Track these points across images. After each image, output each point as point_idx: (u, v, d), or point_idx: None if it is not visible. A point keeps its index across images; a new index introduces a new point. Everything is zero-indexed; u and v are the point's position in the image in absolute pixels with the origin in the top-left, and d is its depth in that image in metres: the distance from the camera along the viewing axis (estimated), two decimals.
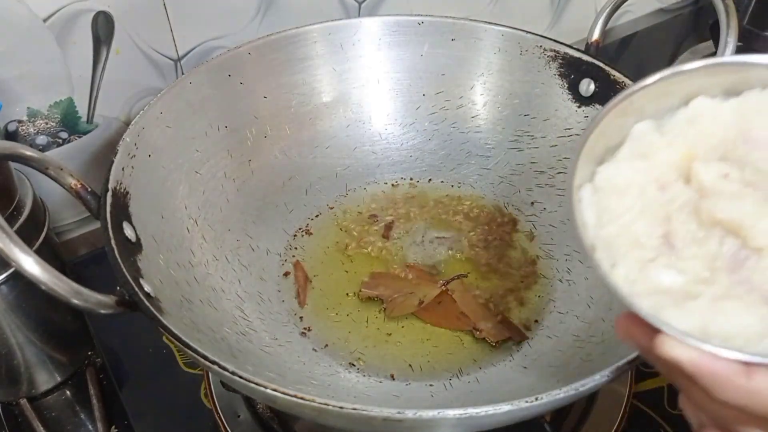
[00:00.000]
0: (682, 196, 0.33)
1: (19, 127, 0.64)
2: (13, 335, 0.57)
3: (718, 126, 0.34)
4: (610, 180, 0.34)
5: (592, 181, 0.34)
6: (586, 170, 0.34)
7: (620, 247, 0.32)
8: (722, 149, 0.33)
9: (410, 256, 0.62)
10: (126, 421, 0.59)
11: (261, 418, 0.55)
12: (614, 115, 0.34)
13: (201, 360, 0.39)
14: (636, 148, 0.34)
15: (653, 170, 0.33)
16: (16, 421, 0.60)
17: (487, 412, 0.36)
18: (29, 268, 0.39)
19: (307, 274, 0.60)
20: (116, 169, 0.50)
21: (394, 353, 0.54)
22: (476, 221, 0.64)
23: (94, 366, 0.64)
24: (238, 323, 0.53)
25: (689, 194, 0.33)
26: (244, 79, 0.63)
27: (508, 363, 0.54)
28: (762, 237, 0.30)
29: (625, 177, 0.34)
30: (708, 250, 0.31)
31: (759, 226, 0.30)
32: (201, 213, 0.58)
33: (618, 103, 0.34)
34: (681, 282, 0.31)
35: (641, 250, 0.32)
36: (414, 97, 0.69)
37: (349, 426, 0.40)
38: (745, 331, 0.28)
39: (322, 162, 0.67)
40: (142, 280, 0.45)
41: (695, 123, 0.34)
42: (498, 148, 0.68)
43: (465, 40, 0.67)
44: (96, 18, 0.62)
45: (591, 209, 0.33)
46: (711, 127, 0.34)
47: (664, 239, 0.32)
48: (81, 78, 0.64)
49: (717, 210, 0.31)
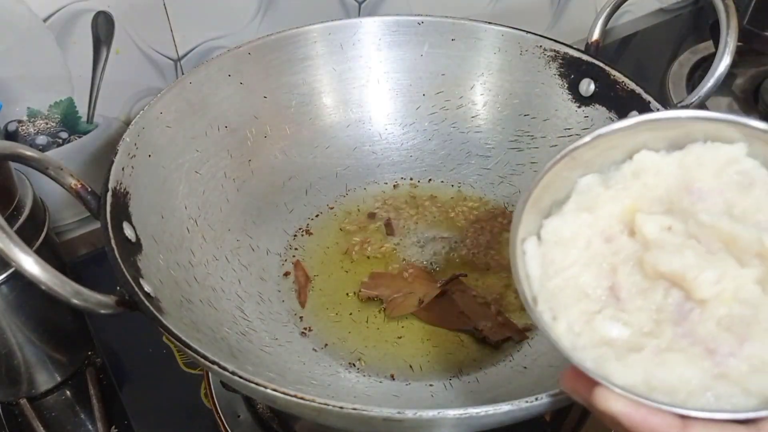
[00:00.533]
0: (627, 248, 0.33)
1: (19, 127, 0.64)
2: (13, 335, 0.57)
3: (662, 179, 0.34)
4: (556, 232, 0.34)
5: (538, 234, 0.34)
6: (533, 223, 0.35)
7: (565, 299, 0.32)
8: (666, 201, 0.34)
9: (410, 256, 0.62)
10: (126, 421, 0.59)
11: (261, 418, 0.55)
12: (560, 168, 0.34)
13: (201, 360, 0.39)
14: (582, 201, 0.35)
15: (599, 223, 0.34)
16: (16, 421, 0.60)
17: (487, 412, 0.36)
18: (29, 268, 0.39)
19: (307, 274, 0.60)
20: (116, 169, 0.50)
21: (394, 353, 0.55)
22: (476, 221, 0.64)
23: (94, 366, 0.64)
24: (238, 323, 0.53)
25: (634, 247, 0.33)
26: (244, 79, 0.63)
27: (508, 363, 0.54)
28: (705, 289, 0.30)
29: (570, 229, 0.34)
30: (653, 301, 0.32)
31: (701, 278, 0.30)
32: (201, 213, 0.58)
33: (562, 158, 0.34)
34: (626, 334, 0.31)
35: (587, 302, 0.32)
36: (414, 97, 0.69)
37: (349, 426, 0.40)
38: (688, 384, 0.28)
39: (322, 162, 0.67)
40: (142, 280, 0.45)
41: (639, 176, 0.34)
42: (498, 148, 0.68)
43: (465, 40, 0.67)
44: (96, 18, 0.62)
45: (536, 261, 0.34)
46: (654, 180, 0.34)
47: (610, 291, 0.32)
48: (81, 78, 0.64)
49: (659, 263, 0.31)
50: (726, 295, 0.30)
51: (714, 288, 0.30)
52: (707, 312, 0.30)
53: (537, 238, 0.34)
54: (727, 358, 0.29)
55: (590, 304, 0.32)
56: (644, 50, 1.04)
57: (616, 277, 0.32)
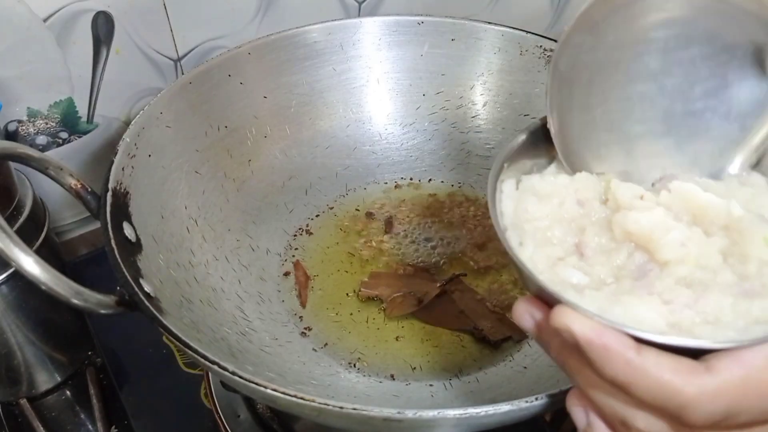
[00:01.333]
0: (598, 213, 0.35)
1: (19, 127, 0.64)
2: (13, 335, 0.57)
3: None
4: (534, 187, 0.36)
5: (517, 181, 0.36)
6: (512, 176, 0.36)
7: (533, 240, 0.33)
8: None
9: (410, 255, 0.62)
10: (126, 421, 0.59)
11: (261, 418, 0.55)
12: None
13: (201, 360, 0.39)
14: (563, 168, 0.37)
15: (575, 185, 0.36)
16: (16, 421, 0.60)
17: (487, 412, 0.36)
18: (29, 268, 0.39)
19: (307, 274, 0.60)
20: (116, 169, 0.50)
21: (394, 353, 0.55)
22: (476, 221, 0.64)
23: (94, 366, 0.64)
24: (238, 323, 0.53)
25: (605, 212, 0.34)
26: (244, 79, 0.63)
27: (508, 363, 0.54)
28: (669, 250, 0.31)
29: (547, 187, 0.35)
30: (616, 261, 0.32)
31: (667, 238, 0.31)
32: (201, 213, 0.58)
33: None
34: (586, 281, 0.32)
35: (552, 248, 0.33)
36: (414, 97, 0.69)
37: (349, 426, 0.40)
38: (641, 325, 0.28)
39: (322, 162, 0.67)
40: (142, 280, 0.45)
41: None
42: (498, 148, 0.67)
43: (465, 40, 0.67)
44: (96, 18, 0.62)
45: (510, 202, 0.35)
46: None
47: (576, 248, 0.33)
48: (81, 78, 0.64)
49: (627, 221, 0.32)
50: (689, 259, 0.31)
51: (678, 250, 0.31)
52: (668, 271, 0.31)
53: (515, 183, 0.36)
54: (682, 309, 0.29)
55: (555, 250, 0.33)
56: None
57: (584, 236, 0.33)
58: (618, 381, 0.28)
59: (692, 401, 0.26)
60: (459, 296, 0.58)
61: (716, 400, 0.26)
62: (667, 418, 0.28)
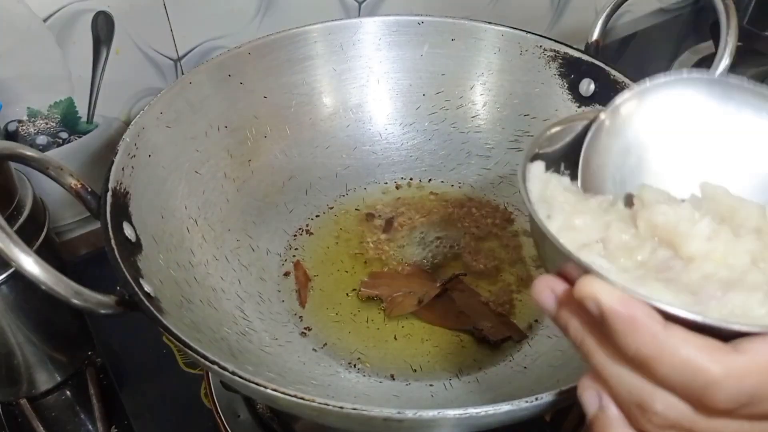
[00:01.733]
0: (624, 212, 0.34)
1: (19, 127, 0.64)
2: (13, 335, 0.57)
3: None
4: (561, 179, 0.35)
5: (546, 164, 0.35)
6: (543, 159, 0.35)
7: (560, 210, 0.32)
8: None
9: (410, 255, 0.62)
10: (126, 421, 0.59)
11: (261, 418, 0.55)
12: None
13: (201, 360, 0.39)
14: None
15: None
16: (16, 421, 0.60)
17: (487, 412, 0.36)
18: (29, 268, 0.39)
19: (307, 274, 0.60)
20: (116, 169, 0.50)
21: (394, 353, 0.55)
22: (476, 221, 0.64)
23: (94, 366, 0.64)
24: (238, 323, 0.53)
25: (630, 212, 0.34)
26: (244, 79, 0.63)
27: (508, 363, 0.54)
28: (696, 243, 0.30)
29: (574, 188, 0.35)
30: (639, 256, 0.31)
31: (694, 231, 0.30)
32: (201, 213, 0.58)
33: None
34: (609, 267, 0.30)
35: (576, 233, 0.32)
36: (414, 97, 0.69)
37: (349, 426, 0.40)
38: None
39: (322, 162, 0.67)
40: (142, 280, 0.45)
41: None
42: (498, 148, 0.68)
43: (465, 40, 0.67)
44: (96, 18, 0.62)
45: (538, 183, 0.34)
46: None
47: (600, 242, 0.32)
48: (81, 78, 0.64)
49: (654, 213, 0.31)
50: (715, 254, 0.30)
51: (705, 245, 0.30)
52: (693, 266, 0.30)
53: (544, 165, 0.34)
54: (708, 300, 0.28)
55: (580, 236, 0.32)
56: (644, 50, 1.04)
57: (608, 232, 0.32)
58: (641, 355, 0.26)
59: (718, 380, 0.25)
60: (459, 296, 0.58)
61: (743, 381, 0.25)
62: (689, 400, 0.27)
